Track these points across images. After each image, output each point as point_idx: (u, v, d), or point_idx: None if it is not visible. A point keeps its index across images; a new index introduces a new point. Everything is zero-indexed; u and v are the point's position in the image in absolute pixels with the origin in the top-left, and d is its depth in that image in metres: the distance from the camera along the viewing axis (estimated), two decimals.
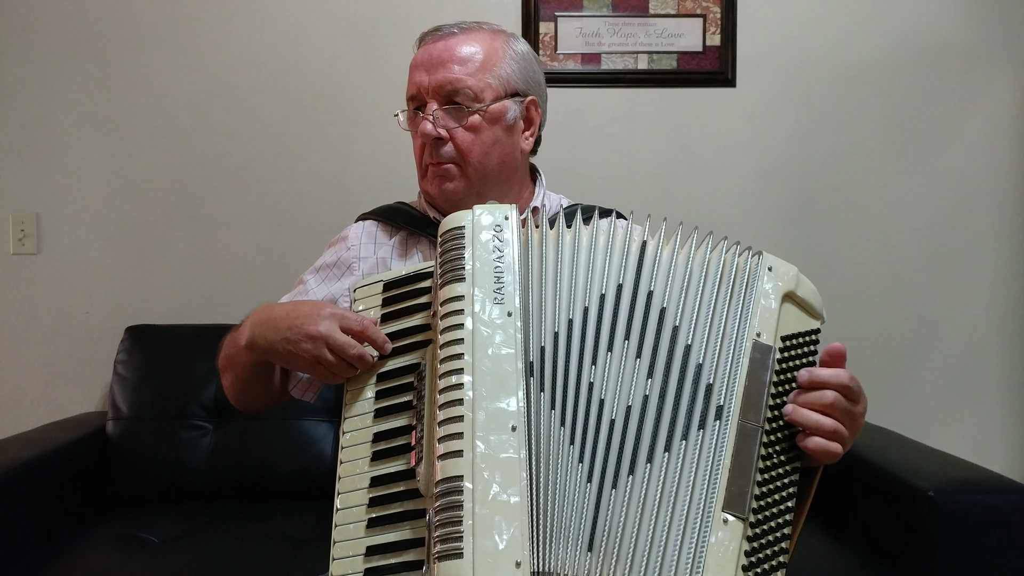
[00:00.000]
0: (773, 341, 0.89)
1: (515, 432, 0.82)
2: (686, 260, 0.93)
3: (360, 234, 1.26)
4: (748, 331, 0.89)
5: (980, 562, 1.49)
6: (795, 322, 0.92)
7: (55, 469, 1.85)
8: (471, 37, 1.17)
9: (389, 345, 0.96)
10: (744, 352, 0.88)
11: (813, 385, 0.87)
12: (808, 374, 0.88)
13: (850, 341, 2.45)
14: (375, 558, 0.87)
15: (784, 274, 0.93)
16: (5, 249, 2.26)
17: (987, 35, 2.31)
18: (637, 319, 0.90)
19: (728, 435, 0.85)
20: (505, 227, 0.93)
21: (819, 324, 0.94)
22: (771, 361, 0.88)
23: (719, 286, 0.91)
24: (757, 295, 0.90)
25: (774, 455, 0.86)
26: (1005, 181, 2.33)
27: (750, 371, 0.87)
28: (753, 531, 0.82)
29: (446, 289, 0.90)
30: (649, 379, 0.87)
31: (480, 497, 0.79)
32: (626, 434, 0.85)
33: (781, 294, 0.91)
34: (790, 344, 0.90)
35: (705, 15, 2.30)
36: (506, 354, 0.85)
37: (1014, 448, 2.34)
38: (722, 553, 0.80)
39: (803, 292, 0.93)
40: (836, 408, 0.86)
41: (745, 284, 0.91)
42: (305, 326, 0.98)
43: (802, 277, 0.94)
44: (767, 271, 0.92)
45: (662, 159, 2.32)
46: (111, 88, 2.28)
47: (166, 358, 2.12)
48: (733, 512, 0.82)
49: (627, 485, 0.83)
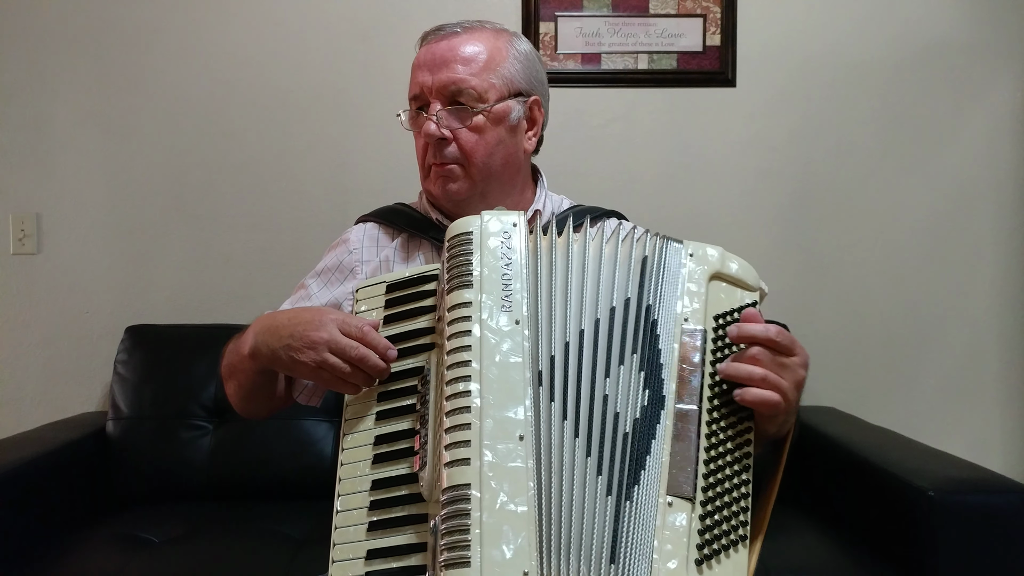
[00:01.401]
0: (703, 323, 0.92)
1: (523, 441, 0.82)
2: (599, 254, 0.95)
3: (361, 237, 1.25)
4: (676, 317, 0.91)
5: (980, 562, 1.49)
6: (728, 299, 0.94)
7: (55, 469, 1.85)
8: (474, 37, 1.16)
9: (393, 351, 0.95)
10: (674, 338, 0.91)
11: (742, 340, 0.90)
12: (736, 329, 0.90)
13: (850, 341, 2.47)
14: (376, 561, 0.87)
15: (707, 257, 0.95)
16: (5, 249, 2.26)
17: (987, 34, 2.31)
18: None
19: (664, 421, 0.87)
20: (513, 234, 0.93)
21: (756, 296, 0.96)
22: (703, 342, 0.91)
23: (621, 272, 0.94)
24: (680, 281, 0.93)
25: (719, 431, 0.88)
26: (1005, 181, 2.33)
27: (681, 355, 0.90)
28: (704, 509, 0.84)
29: (453, 295, 0.89)
30: (607, 378, 0.89)
31: (488, 506, 0.79)
32: (636, 445, 0.86)
33: (707, 276, 0.94)
34: (726, 321, 0.93)
35: (705, 15, 2.30)
36: (514, 362, 0.86)
37: (1014, 448, 2.34)
38: (669, 533, 0.82)
39: (731, 270, 0.95)
40: (765, 359, 0.88)
41: (665, 272, 0.94)
42: (307, 332, 0.97)
43: (728, 255, 0.96)
44: (688, 257, 0.95)
45: (662, 159, 2.32)
46: (111, 88, 2.27)
47: (166, 358, 2.12)
48: (676, 494, 0.84)
49: (637, 495, 0.84)
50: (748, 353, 0.89)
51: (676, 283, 0.93)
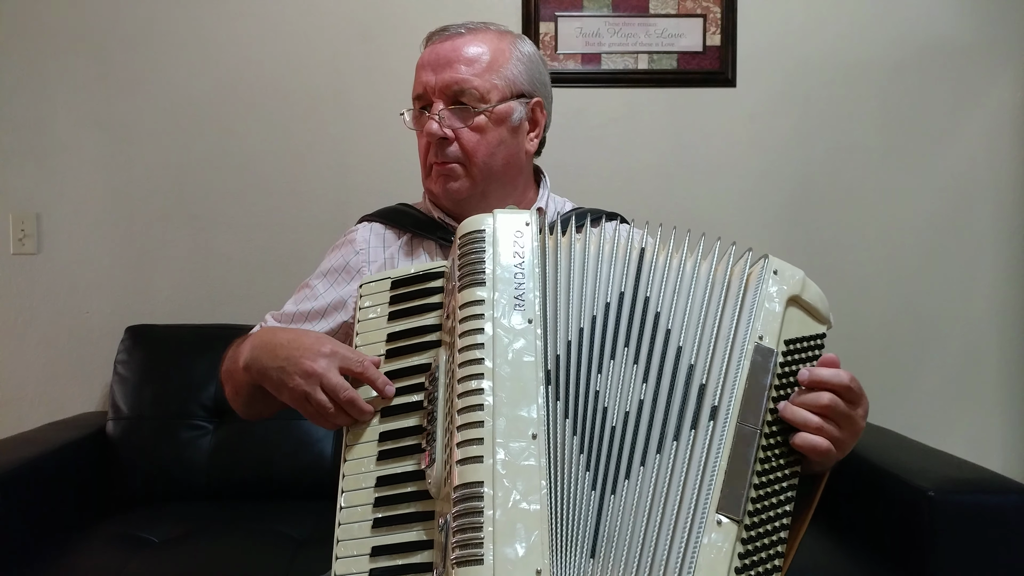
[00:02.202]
0: (776, 345, 0.88)
1: (535, 440, 0.82)
2: (680, 265, 0.93)
3: (368, 236, 1.24)
4: (750, 334, 0.87)
5: (980, 562, 1.49)
6: (800, 326, 0.90)
7: (55, 469, 1.85)
8: (478, 38, 1.16)
9: (391, 388, 0.94)
10: (745, 355, 0.87)
11: (812, 385, 0.87)
12: (808, 372, 0.87)
13: (850, 341, 2.47)
14: (382, 559, 0.86)
15: (789, 278, 0.91)
16: (5, 249, 2.26)
17: (987, 35, 2.32)
18: (635, 326, 0.90)
19: (725, 437, 0.84)
20: (525, 232, 0.92)
21: (825, 329, 0.92)
22: (772, 364, 0.87)
23: (713, 288, 0.91)
24: (761, 299, 0.89)
25: (772, 458, 0.86)
26: (1005, 181, 2.33)
27: (750, 374, 0.86)
28: (748, 533, 0.82)
29: (465, 292, 0.89)
30: (644, 383, 0.87)
31: (501, 504, 0.78)
32: (624, 439, 0.85)
33: (786, 298, 0.90)
34: (794, 348, 0.89)
35: (705, 15, 2.30)
36: (528, 361, 0.85)
37: (1014, 448, 2.34)
38: (714, 554, 0.80)
39: (809, 296, 0.91)
40: (832, 408, 0.86)
41: (746, 287, 0.90)
42: (302, 360, 0.96)
43: (808, 281, 0.92)
44: (772, 274, 0.91)
45: (662, 159, 2.32)
46: (111, 88, 2.27)
47: (166, 358, 2.11)
48: (727, 514, 0.81)
49: (623, 489, 0.83)
50: (820, 400, 0.86)
51: (756, 298, 0.89)
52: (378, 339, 0.99)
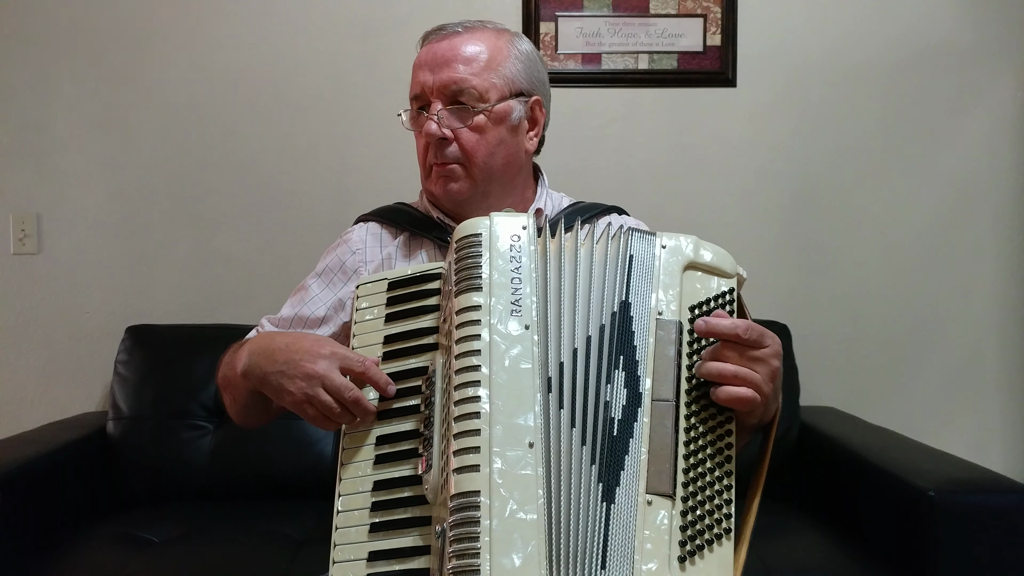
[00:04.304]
0: (679, 315, 0.90)
1: (532, 449, 0.82)
2: (590, 256, 0.93)
3: (364, 236, 1.24)
4: (650, 311, 0.89)
5: (980, 562, 1.49)
6: (703, 288, 0.92)
7: (55, 469, 1.85)
8: (476, 36, 1.15)
9: (392, 387, 0.94)
10: (649, 332, 0.88)
11: (710, 334, 0.88)
12: (704, 323, 0.88)
13: (850, 341, 2.47)
14: (379, 563, 0.86)
15: (680, 248, 0.93)
16: (5, 249, 2.26)
17: (987, 35, 2.31)
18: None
19: (640, 417, 0.85)
20: (522, 236, 0.91)
21: (733, 282, 0.93)
22: (677, 335, 0.89)
23: (606, 273, 0.92)
24: (655, 274, 0.91)
25: (698, 424, 0.87)
26: (1005, 181, 2.33)
27: (656, 350, 0.88)
28: (685, 505, 0.83)
29: (462, 298, 0.88)
30: (608, 384, 0.87)
31: (497, 513, 0.78)
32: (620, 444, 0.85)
33: (681, 267, 0.92)
34: (703, 312, 0.91)
35: (705, 15, 2.30)
36: (524, 368, 0.85)
37: (1014, 448, 2.34)
38: (650, 533, 0.81)
39: (705, 259, 0.93)
40: (735, 355, 0.86)
41: (630, 268, 0.91)
42: (303, 362, 0.95)
43: (702, 243, 0.94)
44: (661, 249, 0.93)
45: (662, 159, 2.32)
46: (111, 88, 2.27)
47: (166, 358, 2.11)
48: (656, 492, 0.83)
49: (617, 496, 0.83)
50: (718, 350, 0.87)
51: (650, 276, 0.91)
52: (375, 341, 0.98)
